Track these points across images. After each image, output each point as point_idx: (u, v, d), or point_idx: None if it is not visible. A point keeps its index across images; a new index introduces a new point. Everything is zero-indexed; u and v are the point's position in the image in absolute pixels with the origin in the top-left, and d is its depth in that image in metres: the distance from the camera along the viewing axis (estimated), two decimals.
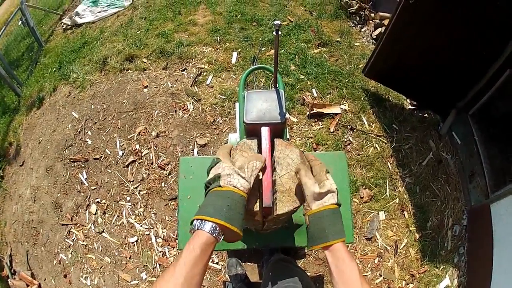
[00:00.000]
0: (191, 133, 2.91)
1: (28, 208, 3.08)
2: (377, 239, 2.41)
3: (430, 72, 2.47)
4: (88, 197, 2.84)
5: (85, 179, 2.93)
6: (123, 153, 2.93)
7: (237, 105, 1.82)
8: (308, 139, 2.78)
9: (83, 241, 2.71)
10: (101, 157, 2.98)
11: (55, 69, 3.95)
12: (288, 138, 2.71)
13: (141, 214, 2.65)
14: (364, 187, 2.58)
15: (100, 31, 4.13)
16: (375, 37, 3.35)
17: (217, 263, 2.41)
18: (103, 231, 2.69)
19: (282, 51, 3.27)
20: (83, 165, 3.00)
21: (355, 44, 3.37)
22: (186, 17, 3.81)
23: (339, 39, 3.39)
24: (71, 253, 2.70)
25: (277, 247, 1.90)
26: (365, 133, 2.80)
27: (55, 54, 4.20)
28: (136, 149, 2.91)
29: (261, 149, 0.96)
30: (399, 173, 2.64)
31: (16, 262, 2.97)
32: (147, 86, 3.26)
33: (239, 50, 3.35)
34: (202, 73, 3.24)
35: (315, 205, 0.77)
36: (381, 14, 3.35)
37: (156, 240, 2.54)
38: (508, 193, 2.00)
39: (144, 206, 2.68)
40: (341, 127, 2.83)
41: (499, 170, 2.29)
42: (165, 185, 2.72)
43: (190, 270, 0.63)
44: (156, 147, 2.90)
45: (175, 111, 3.06)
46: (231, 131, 2.80)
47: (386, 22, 3.00)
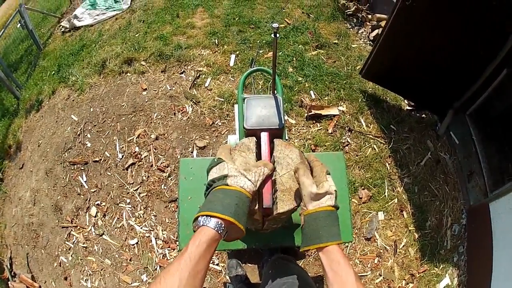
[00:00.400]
0: (190, 135, 2.92)
1: (28, 211, 3.09)
2: (377, 239, 2.42)
3: (427, 73, 2.49)
4: (88, 199, 2.85)
5: (85, 181, 2.94)
6: (122, 156, 2.94)
7: (236, 107, 1.83)
8: (306, 140, 2.79)
9: (83, 244, 2.71)
10: (100, 159, 2.99)
11: (54, 72, 3.96)
12: (287, 139, 2.73)
13: (141, 216, 2.66)
14: (362, 187, 2.60)
15: (99, 34, 4.15)
16: (372, 38, 3.37)
17: (217, 264, 2.43)
18: (103, 233, 2.69)
19: (280, 53, 3.29)
20: (82, 168, 3.01)
21: (353, 46, 3.40)
22: (184, 20, 3.83)
23: (336, 41, 3.41)
24: (71, 256, 2.70)
25: (277, 248, 1.91)
26: (363, 134, 2.82)
27: (53, 57, 4.21)
28: (136, 151, 2.92)
29: (259, 149, 0.98)
30: (397, 174, 2.65)
31: (16, 264, 2.97)
32: (146, 89, 3.27)
33: (237, 52, 3.37)
34: (201, 75, 3.25)
35: (311, 206, 0.78)
36: (378, 15, 3.37)
37: (156, 242, 2.55)
38: (506, 191, 2.02)
39: (144, 208, 2.69)
40: (339, 128, 2.85)
41: (497, 169, 2.31)
42: (165, 187, 2.73)
43: (195, 265, 0.63)
44: (155, 149, 2.91)
45: (174, 113, 3.07)
46: (230, 133, 2.81)
47: (383, 24, 3.02)
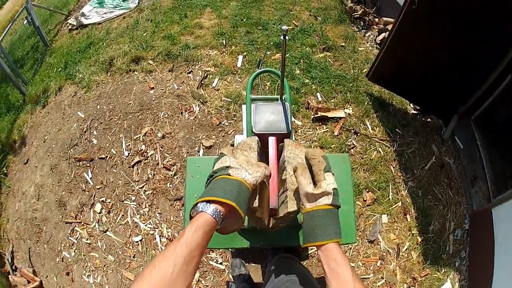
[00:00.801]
0: (196, 134, 2.93)
1: (32, 206, 3.09)
2: (380, 242, 2.43)
3: (432, 77, 2.50)
4: (93, 196, 2.86)
5: (90, 178, 2.95)
6: (128, 153, 2.95)
7: (243, 107, 1.85)
8: (312, 142, 2.81)
9: (87, 239, 2.72)
10: (106, 156, 3.00)
11: (60, 68, 3.98)
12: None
13: (146, 214, 2.67)
14: (367, 190, 2.61)
15: (106, 32, 4.17)
16: (379, 42, 3.39)
17: (220, 263, 2.43)
18: (107, 230, 2.70)
19: (287, 55, 3.31)
20: (88, 164, 3.02)
21: (359, 49, 3.42)
22: (192, 20, 3.86)
23: (343, 44, 3.43)
24: (74, 251, 2.71)
25: (281, 247, 1.92)
26: (368, 137, 2.83)
27: (60, 54, 4.23)
28: (142, 149, 2.93)
29: (266, 152, 1.00)
30: (402, 177, 2.66)
31: (17, 259, 2.98)
32: (153, 88, 3.29)
33: (245, 53, 3.39)
34: (208, 75, 3.27)
35: (308, 205, 0.79)
36: (385, 19, 3.40)
37: (160, 240, 2.55)
38: (509, 197, 2.03)
39: (149, 206, 2.69)
40: (345, 131, 2.86)
41: (501, 175, 2.31)
42: (171, 185, 2.74)
43: (190, 251, 0.63)
44: (162, 148, 2.92)
45: (181, 112, 3.09)
46: (237, 133, 2.82)
47: (390, 27, 3.04)
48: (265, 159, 1.06)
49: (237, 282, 2.19)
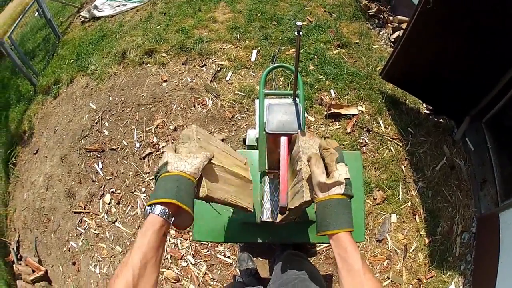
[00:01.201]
0: (209, 128, 2.92)
1: (40, 196, 3.09)
2: (388, 241, 2.40)
3: (444, 78, 2.46)
4: (103, 186, 2.85)
5: (101, 169, 2.94)
6: (140, 145, 2.94)
7: (256, 102, 1.84)
8: (325, 138, 2.76)
9: (95, 230, 2.71)
10: (117, 148, 2.99)
11: (72, 60, 3.99)
12: None
13: None
14: (378, 188, 2.58)
15: (119, 24, 4.17)
16: (393, 40, 3.36)
17: (228, 257, 2.42)
18: (116, 221, 2.69)
19: (301, 51, 3.28)
20: (99, 155, 3.02)
21: (374, 46, 3.39)
22: (206, 14, 3.84)
23: (357, 41, 3.40)
24: (81, 241, 2.70)
25: (289, 244, 1.90)
26: (381, 135, 2.80)
27: (72, 46, 4.24)
28: (154, 141, 2.92)
29: (275, 151, 1.01)
30: (412, 177, 2.63)
31: (23, 248, 2.98)
32: (166, 80, 3.28)
33: (259, 48, 3.37)
34: (222, 69, 3.26)
35: (321, 194, 0.79)
36: (399, 17, 3.36)
37: (169, 232, 2.54)
38: None
39: None
40: (357, 128, 2.84)
41: (509, 179, 2.27)
42: None
43: (145, 254, 0.67)
44: (173, 140, 2.91)
45: (194, 105, 3.08)
46: (249, 127, 2.80)
47: (404, 26, 3.02)
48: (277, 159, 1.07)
49: (244, 276, 2.18)
